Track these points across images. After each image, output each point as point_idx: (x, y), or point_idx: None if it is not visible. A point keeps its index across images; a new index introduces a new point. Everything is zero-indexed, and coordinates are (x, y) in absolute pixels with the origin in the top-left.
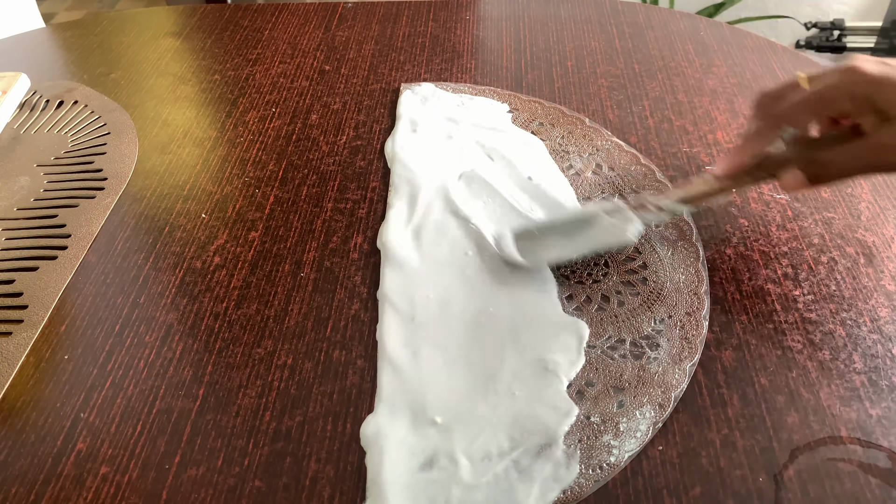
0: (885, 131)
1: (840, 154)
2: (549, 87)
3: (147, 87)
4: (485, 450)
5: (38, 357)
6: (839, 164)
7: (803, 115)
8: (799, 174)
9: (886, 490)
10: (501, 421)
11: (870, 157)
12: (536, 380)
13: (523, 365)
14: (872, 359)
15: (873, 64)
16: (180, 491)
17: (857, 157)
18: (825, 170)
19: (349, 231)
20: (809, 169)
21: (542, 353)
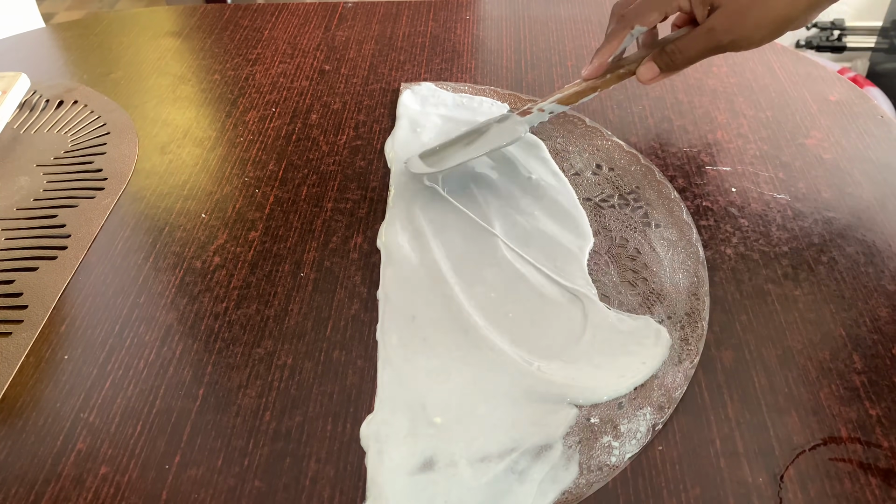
0: (713, 17)
1: (682, 41)
2: (549, 87)
3: (147, 87)
4: (484, 451)
5: (38, 357)
6: (682, 49)
7: (647, 12)
8: (652, 65)
9: (886, 490)
10: (501, 422)
11: (705, 41)
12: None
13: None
14: (872, 359)
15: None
16: (180, 491)
17: (695, 42)
18: (672, 57)
19: (349, 231)
20: (660, 59)
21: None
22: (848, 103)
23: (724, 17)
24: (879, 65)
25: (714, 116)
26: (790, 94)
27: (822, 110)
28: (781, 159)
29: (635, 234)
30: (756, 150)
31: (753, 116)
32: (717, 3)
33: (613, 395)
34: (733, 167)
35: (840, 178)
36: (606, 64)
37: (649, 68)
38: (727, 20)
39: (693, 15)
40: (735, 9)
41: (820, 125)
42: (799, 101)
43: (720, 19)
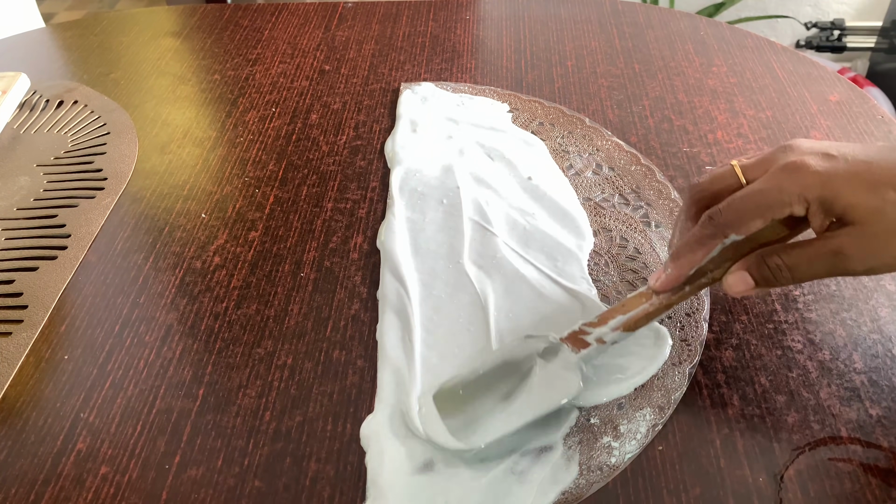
0: (844, 237)
1: (793, 257)
2: (549, 87)
3: (147, 87)
4: (484, 451)
5: (38, 357)
6: (794, 268)
7: (748, 221)
8: (747, 276)
9: (886, 490)
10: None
11: (829, 265)
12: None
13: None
14: (872, 359)
15: (819, 158)
16: (180, 491)
17: (814, 263)
18: (777, 274)
19: (349, 231)
20: (759, 272)
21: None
22: (848, 103)
23: (862, 240)
24: (879, 65)
25: (714, 116)
26: (790, 94)
27: (822, 110)
28: None
29: (635, 234)
30: (756, 150)
31: (753, 116)
32: (849, 217)
33: (614, 395)
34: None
35: None
36: (686, 276)
37: (742, 280)
38: (866, 245)
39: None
40: (880, 233)
41: (820, 125)
42: (799, 101)
43: (855, 242)
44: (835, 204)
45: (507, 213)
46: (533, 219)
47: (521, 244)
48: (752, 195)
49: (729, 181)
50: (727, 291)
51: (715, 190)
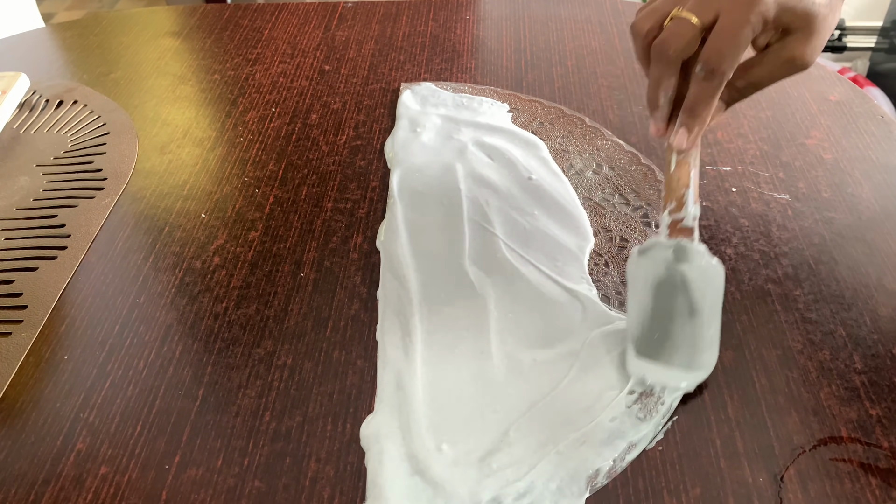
0: (791, 44)
1: (753, 74)
2: (549, 87)
3: (147, 87)
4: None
5: (37, 357)
6: (756, 82)
7: (737, 59)
8: (720, 103)
9: (886, 490)
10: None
11: (785, 70)
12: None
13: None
14: (872, 359)
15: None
16: (180, 491)
17: (772, 72)
18: (743, 92)
19: (349, 231)
20: (727, 95)
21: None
22: (848, 103)
23: (807, 41)
24: (879, 65)
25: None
26: (790, 94)
27: (822, 110)
28: (781, 159)
29: (635, 234)
30: (756, 150)
31: (753, 116)
32: (793, 25)
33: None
34: (733, 167)
35: (840, 178)
36: (705, 128)
37: (719, 108)
38: (810, 43)
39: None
40: (817, 32)
41: (820, 125)
42: (799, 101)
43: (802, 45)
44: (784, 17)
45: (507, 213)
46: (533, 219)
47: (521, 244)
48: (732, 33)
49: (691, 31)
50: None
51: (684, 43)
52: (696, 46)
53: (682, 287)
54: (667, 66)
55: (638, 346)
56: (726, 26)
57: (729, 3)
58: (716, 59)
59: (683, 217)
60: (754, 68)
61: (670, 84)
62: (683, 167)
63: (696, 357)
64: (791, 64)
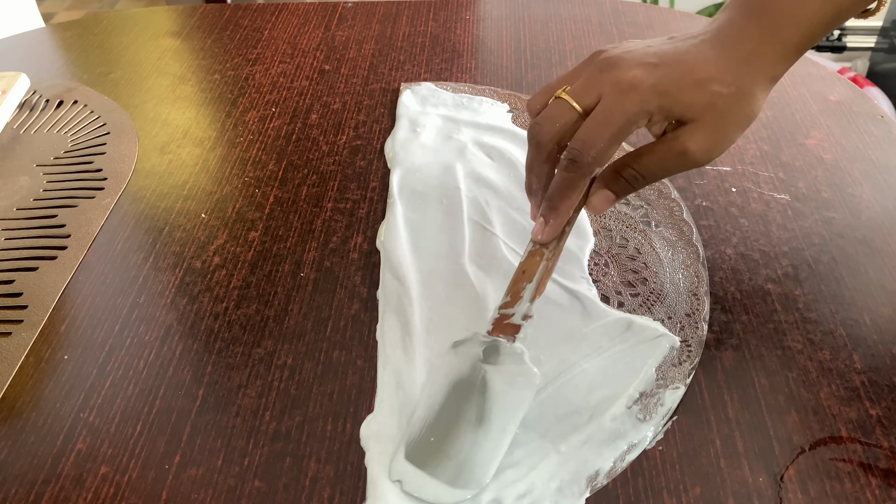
0: (686, 136)
1: (644, 165)
2: None
3: (147, 87)
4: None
5: (38, 357)
6: (647, 174)
7: (609, 151)
8: (608, 193)
9: (886, 490)
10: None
11: (678, 163)
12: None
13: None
14: (872, 359)
15: (646, 70)
16: (180, 491)
17: (664, 165)
18: (634, 183)
19: (349, 231)
20: (617, 185)
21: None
22: (848, 103)
23: (702, 135)
24: (879, 65)
25: None
26: (790, 94)
27: (822, 110)
28: (781, 159)
29: (635, 234)
30: (756, 150)
31: None
32: (685, 117)
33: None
34: (733, 167)
35: (840, 178)
36: (567, 220)
37: (606, 198)
38: (707, 138)
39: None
40: (714, 124)
41: (820, 125)
42: (799, 101)
43: (696, 138)
44: (673, 109)
45: (507, 213)
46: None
47: (521, 244)
48: (604, 125)
49: (567, 116)
50: (592, 211)
51: (558, 129)
52: (573, 132)
53: (479, 390)
54: (537, 149)
55: (408, 448)
56: (599, 114)
57: (608, 88)
58: (580, 148)
59: (513, 314)
60: (644, 157)
61: (542, 170)
62: (533, 259)
63: (462, 474)
64: (683, 157)
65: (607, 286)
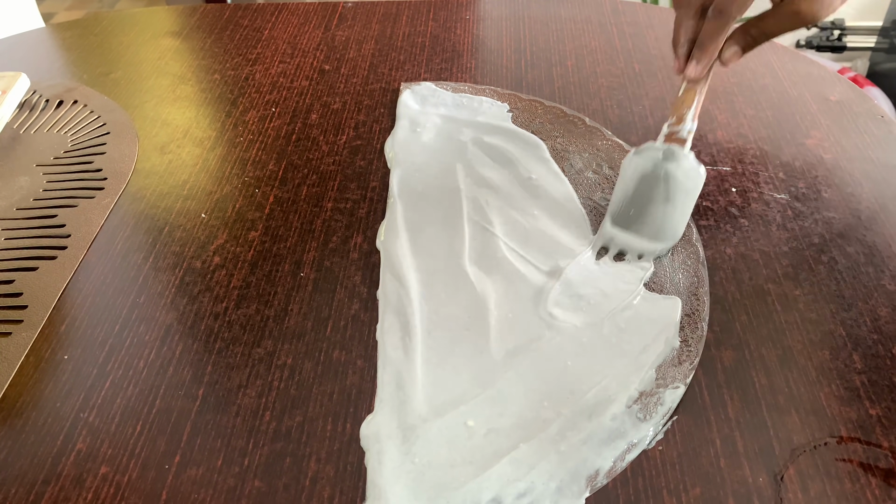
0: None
1: (766, 24)
2: (549, 87)
3: (147, 87)
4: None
5: (37, 357)
6: (767, 31)
7: (748, 3)
8: (737, 49)
9: (886, 490)
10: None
11: (791, 22)
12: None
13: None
14: (872, 359)
15: None
16: (180, 491)
17: (780, 24)
18: (757, 38)
19: (349, 231)
20: (743, 41)
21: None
22: (848, 103)
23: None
24: (879, 65)
25: (714, 116)
26: (790, 94)
27: (822, 110)
28: (781, 159)
29: None
30: (756, 150)
31: (753, 116)
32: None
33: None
34: (733, 167)
35: (840, 178)
36: (713, 62)
37: (735, 52)
38: (814, 1)
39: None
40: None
41: (820, 125)
42: (799, 101)
43: (807, 2)
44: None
45: (507, 213)
46: (533, 219)
47: (521, 244)
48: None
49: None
50: (724, 63)
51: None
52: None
53: (663, 179)
54: (687, 9)
55: (614, 218)
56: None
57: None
58: (724, 2)
59: (679, 130)
60: (766, 19)
61: (689, 26)
62: (690, 93)
63: (660, 233)
64: (797, 16)
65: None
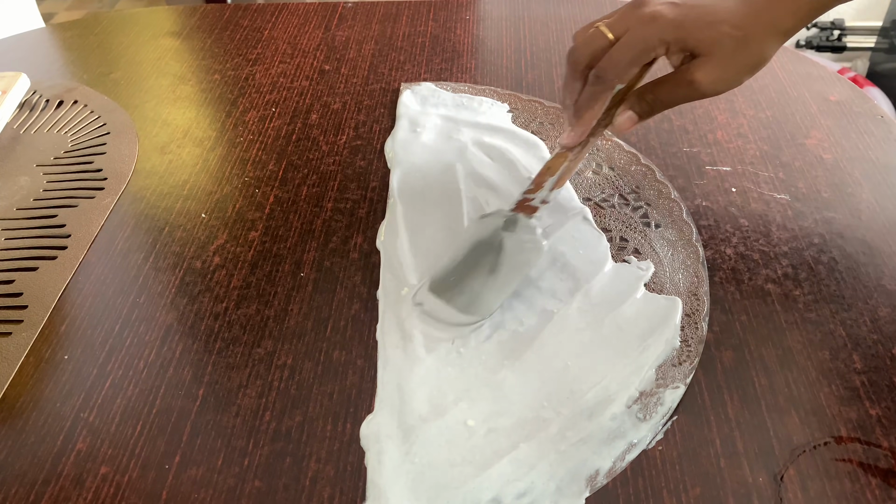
0: (696, 69)
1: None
2: (549, 87)
3: (147, 87)
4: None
5: (38, 357)
6: (663, 100)
7: (630, 70)
8: (632, 114)
9: (886, 490)
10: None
11: (687, 92)
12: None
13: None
14: (872, 359)
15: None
16: (180, 491)
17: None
18: (652, 106)
19: (349, 231)
20: (639, 107)
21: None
22: (848, 103)
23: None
24: (879, 65)
25: (714, 116)
26: (790, 94)
27: (822, 110)
28: (781, 159)
29: (635, 234)
30: (756, 150)
31: (753, 116)
32: (696, 50)
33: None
34: (733, 167)
35: (840, 178)
36: (590, 129)
37: (629, 118)
38: (712, 72)
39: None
40: (720, 60)
41: (820, 125)
42: (799, 101)
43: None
44: (687, 41)
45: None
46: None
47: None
48: (626, 48)
49: (600, 42)
50: (617, 131)
51: (591, 52)
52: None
53: (495, 249)
54: (573, 69)
55: (433, 283)
56: (624, 41)
57: (635, 22)
58: (605, 67)
59: (533, 198)
60: (661, 85)
61: (574, 88)
62: (559, 158)
63: (471, 306)
64: (690, 87)
65: None
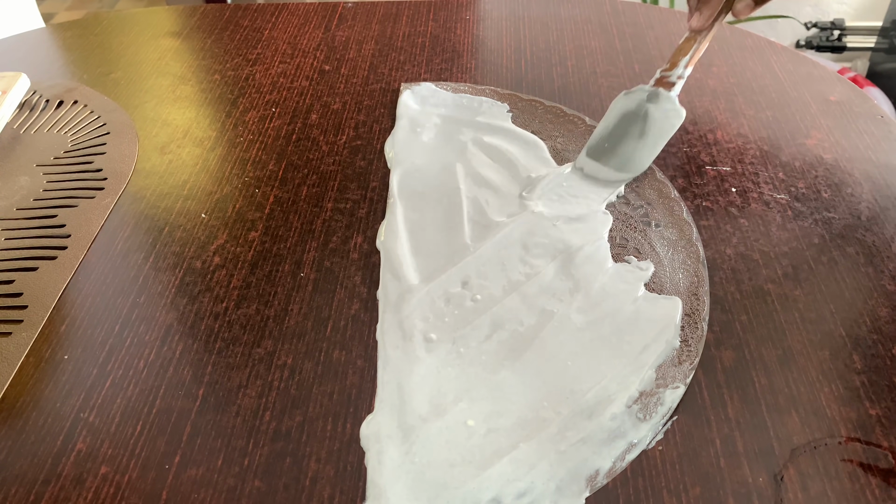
0: None
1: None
2: (549, 87)
3: (147, 87)
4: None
5: (38, 357)
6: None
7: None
8: (749, 1)
9: (886, 490)
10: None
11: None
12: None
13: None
14: (872, 359)
15: None
16: (180, 491)
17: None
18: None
19: (349, 231)
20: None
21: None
22: (848, 103)
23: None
24: (879, 65)
25: (714, 116)
26: (790, 94)
27: (822, 110)
28: (781, 159)
29: (635, 233)
30: (756, 150)
31: (753, 116)
32: None
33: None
34: (733, 167)
35: (840, 178)
36: (717, 12)
37: (747, 5)
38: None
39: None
40: None
41: (820, 125)
42: (799, 101)
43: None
44: None
45: (506, 213)
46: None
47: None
48: None
49: None
50: (736, 15)
51: None
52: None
53: (642, 118)
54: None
55: (589, 149)
56: None
57: None
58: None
59: (670, 75)
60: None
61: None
62: (689, 42)
63: (626, 165)
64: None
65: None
